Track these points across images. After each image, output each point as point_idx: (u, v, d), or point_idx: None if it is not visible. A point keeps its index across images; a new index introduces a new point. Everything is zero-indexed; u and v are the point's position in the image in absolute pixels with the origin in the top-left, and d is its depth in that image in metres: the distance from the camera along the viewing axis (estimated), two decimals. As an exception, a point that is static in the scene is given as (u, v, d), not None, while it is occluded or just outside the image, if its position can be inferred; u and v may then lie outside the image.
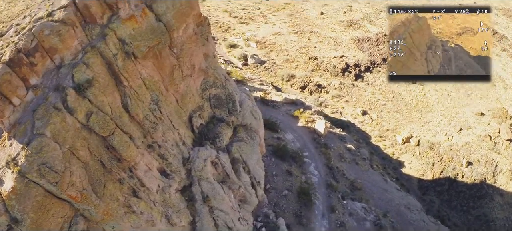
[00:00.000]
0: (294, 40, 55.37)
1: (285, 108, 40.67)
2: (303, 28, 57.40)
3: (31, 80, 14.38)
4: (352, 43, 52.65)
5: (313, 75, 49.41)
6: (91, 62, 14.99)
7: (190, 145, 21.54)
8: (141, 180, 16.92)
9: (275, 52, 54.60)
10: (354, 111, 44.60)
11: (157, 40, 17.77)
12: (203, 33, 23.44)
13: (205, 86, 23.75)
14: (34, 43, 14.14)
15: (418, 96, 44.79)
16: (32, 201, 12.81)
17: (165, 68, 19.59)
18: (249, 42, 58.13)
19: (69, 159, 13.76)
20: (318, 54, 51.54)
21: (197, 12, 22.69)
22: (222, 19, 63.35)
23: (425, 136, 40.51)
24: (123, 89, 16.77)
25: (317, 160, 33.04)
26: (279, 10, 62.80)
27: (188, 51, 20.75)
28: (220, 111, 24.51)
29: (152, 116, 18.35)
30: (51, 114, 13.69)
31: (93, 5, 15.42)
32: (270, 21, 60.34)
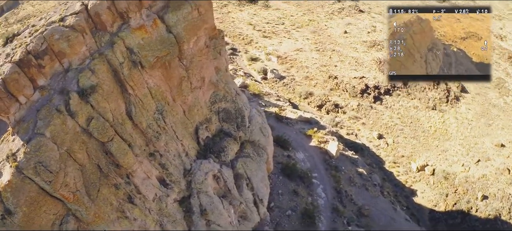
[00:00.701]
0: (315, 58, 55.08)
1: (299, 126, 40.24)
2: (325, 46, 57.08)
3: (39, 81, 14.88)
4: (373, 64, 51.83)
5: (331, 94, 48.86)
6: (97, 68, 15.36)
7: (193, 157, 21.58)
8: (137, 187, 17.07)
9: (295, 68, 54.45)
10: (370, 134, 43.62)
11: (165, 51, 18.03)
12: (216, 47, 23.62)
13: (214, 99, 23.83)
14: (44, 46, 14.63)
15: (437, 123, 43.35)
16: (26, 195, 13.22)
17: (173, 79, 19.82)
18: (271, 56, 58.25)
19: (65, 161, 14.08)
20: (338, 74, 50.99)
21: (210, 25, 22.94)
22: (246, 31, 63.86)
23: (441, 165, 39.01)
24: (128, 97, 17.07)
25: (325, 182, 32.38)
26: (303, 26, 62.79)
27: (198, 63, 20.92)
28: (228, 125, 24.45)
29: (155, 125, 18.55)
30: (53, 116, 14.11)
31: (104, 13, 15.86)
32: (293, 37, 60.37)
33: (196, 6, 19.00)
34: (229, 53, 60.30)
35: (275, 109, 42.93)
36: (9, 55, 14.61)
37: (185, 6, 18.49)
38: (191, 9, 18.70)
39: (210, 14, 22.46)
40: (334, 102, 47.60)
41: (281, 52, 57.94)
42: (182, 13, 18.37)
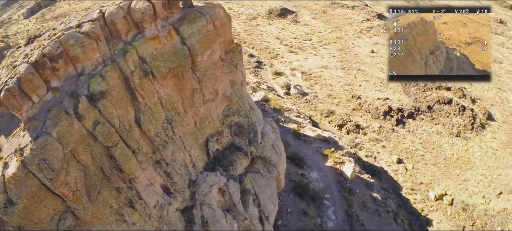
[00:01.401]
0: (340, 76, 54.38)
1: (317, 144, 39.64)
2: (351, 64, 56.31)
3: (53, 82, 15.53)
4: (398, 86, 50.50)
5: (353, 114, 47.92)
6: (108, 75, 15.81)
7: (200, 168, 21.65)
8: (139, 193, 17.28)
9: (319, 85, 53.96)
10: (389, 158, 42.26)
11: (177, 62, 18.32)
12: (233, 60, 23.79)
13: (227, 113, 23.86)
14: (60, 50, 15.28)
15: (460, 151, 41.37)
16: (28, 189, 13.80)
17: (186, 90, 20.06)
18: (295, 72, 58.11)
19: (68, 161, 14.53)
20: (362, 94, 50.02)
21: (227, 39, 23.16)
22: (273, 45, 64.09)
23: (461, 196, 37.04)
24: (138, 104, 17.44)
25: (337, 205, 31.57)
26: (330, 43, 62.31)
27: (211, 76, 21.09)
28: (240, 139, 24.35)
29: (163, 134, 18.80)
30: (61, 117, 14.65)
31: (119, 22, 16.39)
32: (319, 53, 59.99)
33: (212, 19, 19.26)
34: (254, 65, 60.74)
35: (294, 125, 42.58)
36: (27, 56, 15.36)
37: (200, 19, 18.78)
38: (206, 22, 18.96)
39: (227, 28, 22.71)
40: (355, 123, 46.63)
41: (306, 68, 57.67)
42: (197, 26, 18.66)
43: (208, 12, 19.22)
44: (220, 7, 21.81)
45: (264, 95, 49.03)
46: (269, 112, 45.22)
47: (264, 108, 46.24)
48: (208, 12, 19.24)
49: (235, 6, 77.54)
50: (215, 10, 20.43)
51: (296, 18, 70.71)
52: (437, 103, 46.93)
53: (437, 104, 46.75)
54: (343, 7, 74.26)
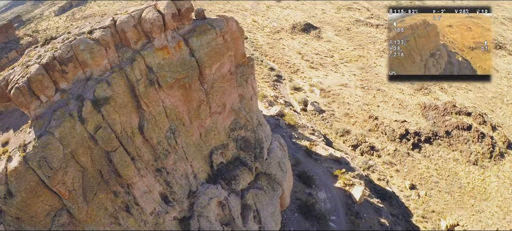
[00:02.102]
0: (359, 95, 53.61)
1: (328, 164, 39.03)
2: (371, 84, 55.44)
3: (61, 84, 16.07)
4: (417, 108, 49.24)
5: (369, 135, 46.99)
6: (114, 82, 16.21)
7: (202, 180, 21.67)
8: (136, 199, 17.50)
9: (337, 103, 53.37)
10: (402, 183, 41.03)
11: (184, 74, 18.53)
12: (243, 74, 23.83)
13: (234, 127, 23.78)
14: (70, 54, 15.81)
15: (476, 180, 39.60)
16: (27, 184, 14.32)
17: (192, 101, 20.23)
18: (314, 88, 57.74)
19: (67, 161, 14.96)
20: (380, 115, 49.05)
21: (240, 53, 23.32)
22: (294, 60, 64.08)
23: (473, 227, 35.37)
24: (142, 112, 17.75)
25: (342, 228, 30.84)
26: (352, 61, 61.68)
27: (219, 89, 21.15)
28: (245, 154, 24.17)
29: (166, 143, 18.99)
30: (65, 118, 15.13)
31: (129, 30, 16.81)
32: (340, 71, 59.45)
33: (222, 33, 19.40)
34: (274, 79, 60.76)
35: (307, 143, 42.16)
36: (40, 57, 15.98)
37: (210, 32, 18.98)
38: (216, 35, 19.13)
39: (239, 42, 22.86)
40: (370, 144, 45.70)
41: (325, 85, 57.21)
42: (206, 38, 18.86)
43: (218, 25, 19.40)
44: (233, 20, 22.00)
45: (280, 109, 48.86)
46: (283, 127, 44.99)
47: (278, 123, 46.05)
48: (219, 25, 19.41)
49: (260, 19, 78.25)
50: (226, 23, 20.62)
51: (320, 34, 70.53)
52: (456, 128, 45.39)
53: (456, 130, 45.20)
54: (367, 25, 73.56)
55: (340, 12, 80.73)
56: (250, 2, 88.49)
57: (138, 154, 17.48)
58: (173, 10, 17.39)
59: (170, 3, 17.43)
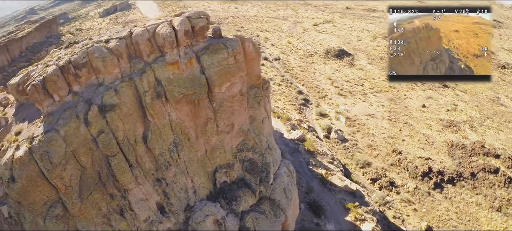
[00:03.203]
0: (385, 127, 52.11)
1: (342, 195, 38.00)
2: (398, 116, 53.81)
3: (74, 87, 17.05)
4: (443, 146, 46.99)
5: (390, 169, 45.35)
6: (122, 91, 16.95)
7: (202, 196, 21.81)
8: (131, 204, 17.93)
9: (361, 133, 52.14)
10: (418, 224, 38.96)
11: (192, 90, 18.96)
12: (257, 96, 23.99)
13: (242, 148, 23.82)
14: (85, 60, 16.76)
15: (498, 227, 36.90)
16: (28, 173, 15.30)
17: (200, 117, 20.60)
18: (340, 116, 56.85)
19: (68, 158, 15.80)
20: (404, 149, 47.31)
21: (254, 74, 23.50)
22: (323, 85, 63.59)
23: None
24: (148, 122, 18.32)
25: (346, 266, 29.78)
26: (382, 92, 60.28)
27: (228, 109, 21.38)
28: (250, 176, 24.06)
29: (168, 155, 19.42)
30: (71, 119, 16.05)
31: (143, 43, 17.57)
32: (368, 100, 58.25)
33: (233, 53, 19.72)
34: (301, 103, 60.45)
35: (323, 171, 41.40)
36: (59, 59, 17.00)
37: (222, 51, 19.36)
38: (227, 55, 19.48)
39: (254, 63, 23.02)
40: (390, 179, 44.05)
41: (352, 114, 56.19)
42: (217, 57, 19.25)
43: (231, 46, 19.77)
44: (249, 42, 22.30)
45: (301, 134, 48.50)
46: (302, 153, 44.52)
47: (298, 148, 45.65)
48: (232, 46, 19.78)
49: (295, 41, 78.68)
50: (242, 44, 20.97)
51: (353, 61, 69.73)
52: (482, 171, 42.75)
53: (482, 172, 42.56)
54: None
55: (376, 40, 79.62)
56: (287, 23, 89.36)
57: (137, 162, 18.00)
58: (186, 27, 17.99)
59: (185, 21, 18.06)
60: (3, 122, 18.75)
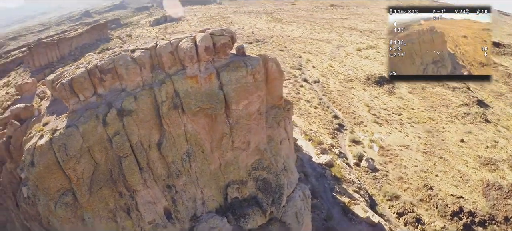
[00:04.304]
0: (419, 160, 49.82)
1: (362, 227, 36.66)
2: (434, 150, 51.22)
3: (99, 89, 18.31)
4: (478, 185, 43.82)
5: (418, 205, 43.13)
6: (141, 98, 17.95)
7: (211, 208, 22.13)
8: (137, 205, 18.70)
9: (393, 164, 50.24)
10: (441, 267, 36.74)
11: (209, 105, 19.52)
12: (277, 116, 24.11)
13: (257, 166, 23.86)
14: (111, 66, 17.98)
15: None
16: (46, 160, 16.60)
17: (216, 132, 21.08)
18: (373, 144, 55.22)
19: (83, 153, 17.00)
20: (436, 185, 44.81)
21: (276, 94, 23.68)
22: (360, 111, 62.29)
23: None
24: (164, 131, 19.12)
25: None
26: (419, 123, 57.85)
27: (245, 126, 21.63)
28: (263, 196, 23.99)
29: (180, 164, 20.07)
30: (91, 118, 17.22)
31: (165, 55, 18.55)
32: (404, 131, 56.12)
33: (252, 72, 20.04)
34: (335, 127, 59.48)
35: (347, 199, 40.32)
36: (89, 62, 18.36)
37: (241, 69, 19.79)
38: (246, 73, 19.85)
39: (277, 83, 23.16)
40: (417, 215, 41.82)
41: (386, 143, 54.40)
42: (236, 75, 19.69)
43: (251, 64, 20.13)
44: (273, 61, 22.59)
45: (330, 159, 47.68)
46: (328, 178, 43.70)
47: (324, 173, 44.88)
48: (252, 64, 20.14)
49: (337, 64, 77.96)
50: (264, 63, 21.30)
51: (393, 89, 67.67)
52: None
53: None
54: (444, 86, 68.68)
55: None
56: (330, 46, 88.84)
57: (149, 166, 18.81)
58: (207, 43, 18.70)
59: (206, 37, 18.80)
60: (36, 112, 20.48)
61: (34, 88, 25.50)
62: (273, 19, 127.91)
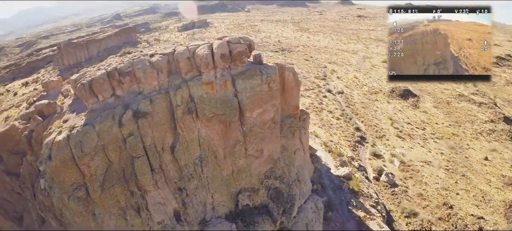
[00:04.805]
0: (440, 177, 48.19)
1: (376, 244, 35.93)
2: (457, 167, 49.42)
3: (117, 91, 18.94)
4: (501, 206, 41.80)
5: (437, 224, 41.59)
6: (156, 102, 18.43)
7: (220, 213, 22.24)
8: (147, 205, 19.10)
9: (413, 180, 48.83)
10: None
11: (223, 111, 19.74)
12: (291, 126, 24.05)
13: (270, 175, 23.84)
14: (129, 69, 18.56)
15: None
16: (62, 155, 17.37)
17: (230, 138, 21.25)
18: (394, 159, 53.94)
19: (97, 151, 17.62)
20: (456, 204, 43.15)
21: (292, 104, 23.69)
22: (383, 124, 61.07)
23: None
24: (178, 134, 19.49)
25: None
26: (443, 138, 56.06)
27: (258, 134, 21.68)
28: (274, 205, 23.94)
29: (192, 168, 20.37)
30: (107, 118, 17.79)
31: (182, 61, 18.96)
32: (427, 146, 54.50)
33: (267, 81, 20.09)
34: (356, 140, 58.55)
35: (362, 214, 39.52)
36: (110, 65, 19.03)
37: (256, 77, 19.90)
38: (261, 81, 19.93)
39: (293, 93, 23.14)
40: (434, 234, 40.54)
41: (407, 158, 52.99)
42: (250, 83, 19.82)
43: (267, 73, 20.21)
44: (290, 71, 22.59)
45: (349, 172, 46.94)
46: (345, 191, 42.95)
47: (342, 186, 44.21)
48: (267, 73, 20.22)
49: (362, 76, 76.93)
50: (281, 73, 21.34)
51: (417, 102, 66.02)
52: None
53: None
54: (470, 102, 66.21)
55: (445, 82, 74.74)
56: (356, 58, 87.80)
57: (161, 168, 19.20)
58: (223, 51, 18.97)
59: (223, 44, 19.08)
60: (58, 109, 21.39)
61: (59, 86, 26.62)
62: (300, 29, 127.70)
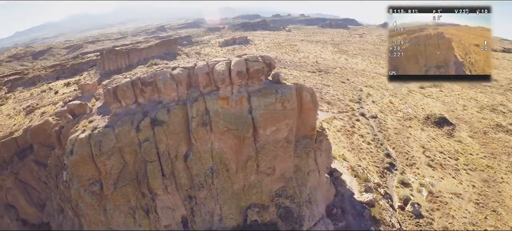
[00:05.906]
0: (469, 212, 45.71)
1: (392, 278, 34.76)
2: (488, 202, 46.62)
3: (140, 99, 20.25)
4: None
5: (459, 261, 39.71)
6: (173, 112, 19.47)
7: (227, 226, 22.61)
8: (156, 208, 20.06)
9: (440, 213, 46.69)
10: None
11: (236, 126, 20.32)
12: (306, 147, 24.09)
13: (281, 193, 24.00)
14: (151, 80, 19.77)
15: None
16: (82, 151, 18.79)
17: (243, 154, 21.76)
18: (423, 188, 51.96)
19: (114, 151, 18.94)
20: (482, 241, 40.89)
21: (309, 125, 23.77)
22: (414, 152, 59.09)
23: None
24: (192, 144, 20.38)
25: None
26: (476, 170, 53.16)
27: (271, 152, 21.96)
28: (283, 224, 23.97)
29: (203, 178, 21.11)
30: (127, 123, 19.07)
31: (201, 75, 19.89)
32: (458, 177, 51.97)
33: (282, 100, 20.35)
34: (385, 166, 57.03)
35: (381, 242, 38.38)
36: (134, 75, 20.38)
37: (271, 96, 20.27)
38: (275, 100, 20.27)
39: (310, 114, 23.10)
40: (456, 273, 38.53)
41: (436, 189, 50.82)
42: (265, 101, 20.23)
43: (282, 92, 20.48)
44: (308, 91, 22.76)
45: (372, 198, 45.86)
46: (366, 218, 42.03)
47: (363, 212, 43.30)
48: (283, 92, 20.49)
49: (397, 101, 75.12)
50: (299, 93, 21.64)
51: (452, 131, 63.31)
52: None
53: None
54: (508, 133, 62.41)
55: (482, 111, 71.01)
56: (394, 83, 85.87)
57: (173, 175, 20.14)
58: (240, 68, 19.67)
59: (240, 62, 19.80)
60: (88, 110, 23.13)
61: (94, 89, 28.66)
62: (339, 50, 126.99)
